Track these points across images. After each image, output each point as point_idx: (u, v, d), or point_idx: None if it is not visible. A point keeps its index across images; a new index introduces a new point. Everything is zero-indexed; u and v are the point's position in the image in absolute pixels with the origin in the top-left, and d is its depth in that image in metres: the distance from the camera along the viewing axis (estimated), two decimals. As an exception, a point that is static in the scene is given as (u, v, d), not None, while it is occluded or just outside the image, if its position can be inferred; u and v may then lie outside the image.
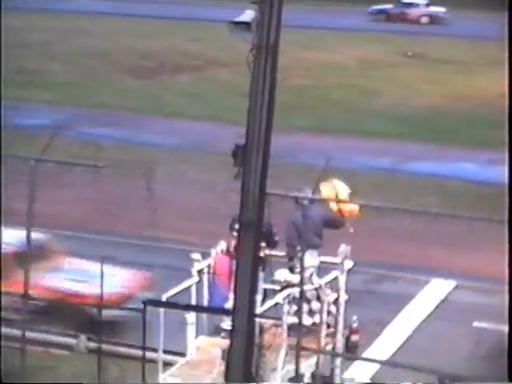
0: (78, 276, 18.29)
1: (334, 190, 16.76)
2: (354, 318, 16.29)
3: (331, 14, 56.71)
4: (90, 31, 52.10)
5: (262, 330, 13.54)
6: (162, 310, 14.39)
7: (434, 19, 64.46)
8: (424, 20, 64.66)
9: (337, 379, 15.85)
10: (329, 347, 15.78)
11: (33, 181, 14.20)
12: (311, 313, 15.53)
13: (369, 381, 16.39)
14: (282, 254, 15.68)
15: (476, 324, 18.78)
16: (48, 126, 27.77)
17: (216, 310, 15.16)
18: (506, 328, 18.07)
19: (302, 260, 15.08)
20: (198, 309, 15.36)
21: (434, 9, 65.10)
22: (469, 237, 21.40)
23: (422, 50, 48.76)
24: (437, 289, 20.84)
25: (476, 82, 43.02)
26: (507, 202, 11.90)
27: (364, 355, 16.95)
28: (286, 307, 14.86)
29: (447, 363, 16.67)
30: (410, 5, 65.84)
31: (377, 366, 16.82)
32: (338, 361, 15.92)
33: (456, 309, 19.75)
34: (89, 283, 16.04)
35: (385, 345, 18.14)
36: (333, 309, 15.74)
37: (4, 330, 16.78)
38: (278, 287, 15.29)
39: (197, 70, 44.65)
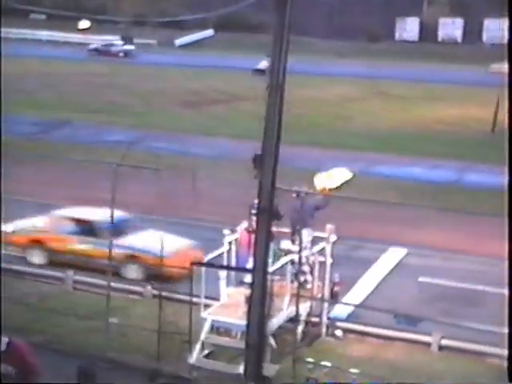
0: (148, 242, 18.44)
1: (328, 178, 16.92)
2: (336, 275, 16.37)
3: (319, 63, 56.63)
4: (156, 77, 52.27)
5: (272, 283, 13.58)
6: (203, 268, 14.48)
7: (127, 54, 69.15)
8: (121, 54, 69.48)
9: (324, 317, 16.01)
10: (319, 295, 15.88)
11: (114, 179, 14.29)
12: (305, 272, 15.66)
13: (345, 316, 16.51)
14: (287, 230, 15.75)
15: (420, 279, 18.74)
16: (125, 142, 27.92)
17: (240, 269, 15.23)
18: (443, 281, 18.18)
19: (300, 235, 15.20)
20: (228, 268, 15.46)
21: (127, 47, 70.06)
22: (416, 219, 21.43)
23: (384, 88, 48.72)
24: (394, 254, 20.83)
25: (419, 111, 43.08)
26: (507, 201, 10.59)
27: (343, 301, 17.00)
28: (289, 267, 14.96)
29: (401, 305, 16.74)
30: (112, 45, 69.77)
31: (352, 308, 16.86)
32: (326, 305, 16.03)
33: (407, 268, 19.79)
34: (155, 247, 16.04)
35: (357, 293, 18.16)
36: (322, 269, 15.94)
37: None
38: (283, 254, 15.41)
39: (227, 103, 44.80)
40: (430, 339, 15.56)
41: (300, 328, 15.15)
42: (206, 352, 14.53)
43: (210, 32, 75.24)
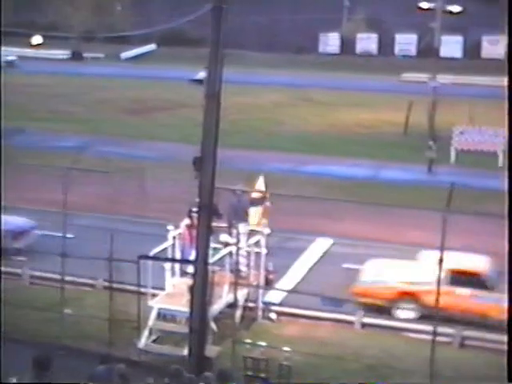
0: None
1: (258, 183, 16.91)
2: (270, 264, 16.36)
3: (252, 73, 56.62)
4: (102, 87, 51.53)
5: (213, 273, 13.49)
6: (150, 262, 14.31)
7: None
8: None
9: (260, 302, 15.98)
10: (255, 283, 15.84)
11: (65, 182, 14.02)
12: (242, 263, 15.59)
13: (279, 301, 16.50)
14: (225, 225, 15.67)
15: (344, 265, 18.83)
16: (75, 147, 27.47)
17: (184, 261, 15.10)
18: (360, 267, 18.32)
19: (237, 228, 15.13)
20: (173, 260, 15.32)
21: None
22: (340, 212, 21.53)
23: (310, 96, 48.94)
24: (321, 244, 20.89)
25: (340, 115, 43.40)
26: (507, 201, 10.19)
27: (277, 287, 16.99)
28: (227, 258, 14.88)
29: (327, 288, 16.78)
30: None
31: (284, 293, 16.86)
32: (261, 291, 16.00)
33: (332, 256, 19.87)
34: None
35: (289, 280, 18.16)
36: (257, 259, 15.90)
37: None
38: (222, 246, 15.33)
39: (170, 110, 44.46)
40: (353, 318, 15.68)
41: (238, 313, 15.10)
42: (154, 337, 14.41)
43: (152, 46, 74.82)
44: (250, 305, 15.79)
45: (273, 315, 16.03)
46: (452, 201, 12.31)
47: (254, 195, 16.56)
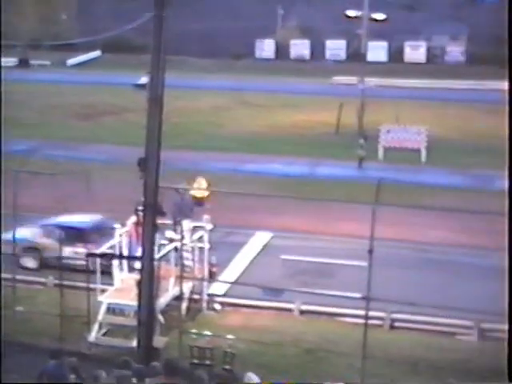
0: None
1: (199, 182, 16.85)
2: (214, 257, 16.33)
3: (193, 78, 56.39)
4: (49, 93, 50.63)
5: (159, 268, 13.41)
6: (98, 259, 14.14)
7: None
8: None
9: (204, 294, 15.93)
10: (199, 276, 15.80)
11: (15, 184, 13.74)
12: (187, 257, 15.52)
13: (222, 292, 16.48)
14: (170, 222, 15.58)
15: (283, 257, 18.89)
16: (24, 151, 26.95)
17: (131, 257, 14.95)
18: (301, 257, 18.43)
19: (181, 225, 15.06)
20: (120, 257, 15.15)
21: None
22: (277, 207, 21.57)
23: (248, 99, 48.98)
24: (260, 238, 20.92)
25: (276, 117, 43.57)
26: (507, 200, 9.88)
27: (220, 279, 16.96)
28: (173, 254, 14.81)
29: (268, 279, 16.84)
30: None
31: (227, 285, 16.84)
32: (205, 283, 15.96)
33: (272, 249, 19.91)
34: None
35: (232, 272, 18.15)
36: (201, 253, 15.86)
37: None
38: (167, 242, 15.23)
39: (115, 114, 43.94)
40: (292, 306, 15.77)
41: (184, 305, 15.03)
42: (104, 331, 14.25)
43: (97, 53, 73.90)
44: (195, 297, 15.76)
45: (217, 306, 16.02)
46: (380, 194, 12.45)
47: (198, 193, 16.51)
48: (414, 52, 75.59)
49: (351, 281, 15.19)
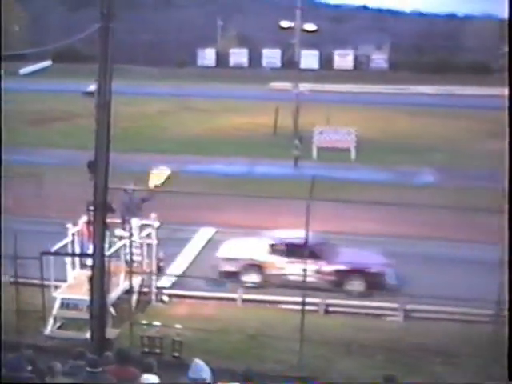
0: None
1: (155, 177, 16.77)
2: (161, 253, 16.20)
3: (140, 85, 55.77)
4: (4, 100, 49.27)
5: (109, 264, 13.23)
6: (51, 256, 13.88)
7: None
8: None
9: (153, 287, 15.80)
10: (148, 270, 15.67)
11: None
12: (136, 253, 15.37)
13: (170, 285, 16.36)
14: (119, 220, 15.40)
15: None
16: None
17: (83, 254, 14.72)
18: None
19: (129, 223, 14.89)
20: (72, 255, 14.91)
21: None
22: (220, 205, 21.50)
23: (191, 104, 48.77)
24: (205, 234, 20.85)
25: (218, 121, 43.51)
26: (507, 200, 9.18)
27: (168, 273, 16.85)
28: (122, 250, 14.63)
29: (212, 271, 16.80)
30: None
31: (174, 278, 16.75)
32: (153, 277, 15.84)
33: (215, 243, 19.80)
34: None
35: (179, 266, 18.06)
36: (149, 249, 15.72)
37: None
38: (117, 239, 15.05)
39: (66, 120, 43.17)
40: (235, 296, 15.76)
41: (134, 298, 14.87)
42: (58, 324, 13.99)
43: (48, 62, 72.54)
44: (145, 290, 15.60)
45: (165, 298, 15.91)
46: (314, 190, 12.56)
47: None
48: (343, 60, 76.54)
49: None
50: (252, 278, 16.98)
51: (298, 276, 14.53)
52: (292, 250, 16.19)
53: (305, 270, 12.94)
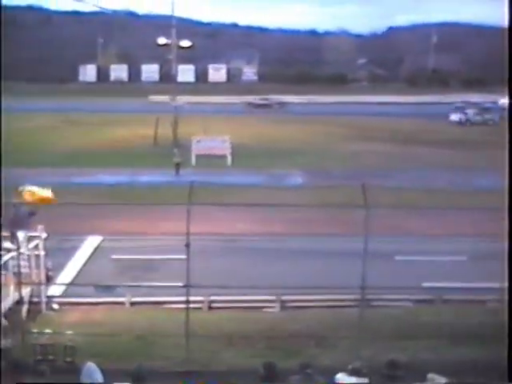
0: None
1: (33, 193, 16.08)
2: (50, 263, 15.65)
3: (23, 101, 53.42)
4: None
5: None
6: None
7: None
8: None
9: (43, 296, 15.20)
10: (37, 280, 15.07)
11: None
12: (24, 264, 14.74)
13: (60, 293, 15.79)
14: (7, 234, 14.70)
15: (113, 256, 18.41)
16: None
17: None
18: (130, 256, 18.08)
19: (16, 236, 14.29)
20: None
21: None
22: (106, 214, 20.96)
23: (73, 118, 47.40)
24: (92, 242, 20.27)
25: (100, 133, 42.58)
26: (507, 198, 8.90)
27: (57, 282, 16.27)
28: (10, 262, 14.00)
29: (101, 277, 16.34)
30: None
31: (64, 286, 16.20)
32: (43, 287, 15.26)
33: (103, 250, 19.37)
34: None
35: (68, 274, 17.46)
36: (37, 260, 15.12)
37: None
38: (5, 252, 14.38)
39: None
40: (123, 299, 15.46)
41: (25, 308, 14.23)
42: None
43: None
44: (35, 300, 14.95)
45: (55, 306, 15.33)
46: (194, 195, 12.52)
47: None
48: (216, 73, 77.23)
49: (174, 272, 15.13)
50: None
51: None
52: None
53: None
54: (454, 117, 51.95)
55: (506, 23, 8.15)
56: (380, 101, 61.31)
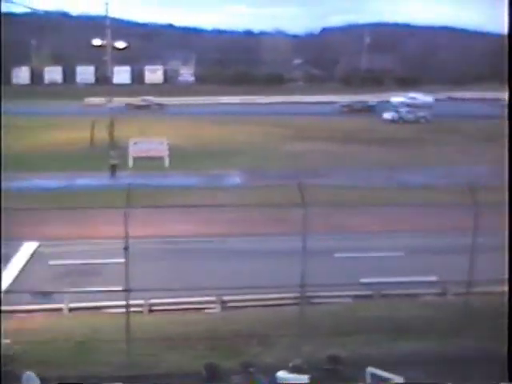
0: None
1: None
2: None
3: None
4: None
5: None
6: None
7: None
8: None
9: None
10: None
11: None
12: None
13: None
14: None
15: (51, 262, 17.94)
16: None
17: None
18: (68, 261, 17.62)
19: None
20: None
21: None
22: (43, 219, 20.31)
23: (9, 122, 45.82)
24: (28, 248, 19.66)
25: (37, 137, 41.44)
26: (507, 197, 8.51)
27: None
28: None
29: (38, 284, 15.90)
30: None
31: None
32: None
33: (40, 256, 18.80)
34: None
35: (3, 282, 16.86)
36: None
37: None
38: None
39: None
40: (61, 305, 15.08)
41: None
42: None
43: None
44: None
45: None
46: (132, 198, 12.32)
47: None
48: (153, 74, 76.45)
49: (113, 276, 14.86)
50: None
51: None
52: None
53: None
54: (387, 115, 53.00)
55: (505, 25, 8.01)
56: (316, 100, 62.09)
